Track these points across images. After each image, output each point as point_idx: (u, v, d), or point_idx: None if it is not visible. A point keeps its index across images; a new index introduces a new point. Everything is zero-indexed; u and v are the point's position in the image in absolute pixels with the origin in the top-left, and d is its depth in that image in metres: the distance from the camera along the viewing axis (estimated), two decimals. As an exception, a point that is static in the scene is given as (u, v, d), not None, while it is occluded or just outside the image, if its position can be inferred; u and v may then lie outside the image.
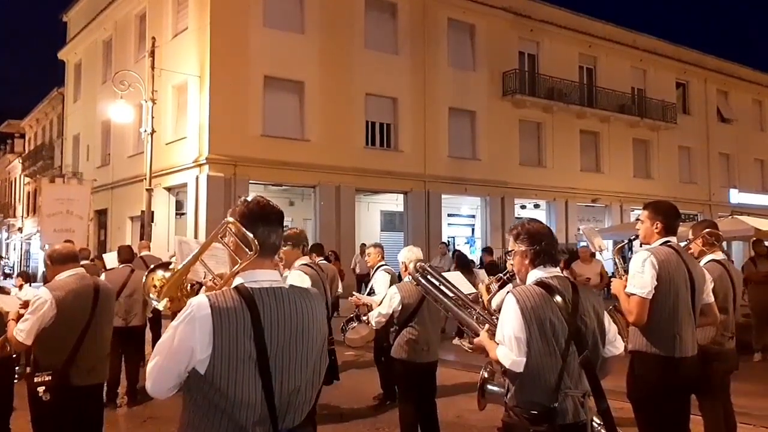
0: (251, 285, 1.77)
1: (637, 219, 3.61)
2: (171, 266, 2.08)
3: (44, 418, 3.37)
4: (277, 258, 5.82)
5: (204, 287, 1.97)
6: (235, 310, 1.69)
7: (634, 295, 3.21)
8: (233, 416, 1.68)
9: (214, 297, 1.71)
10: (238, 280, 1.80)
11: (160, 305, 1.98)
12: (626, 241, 4.07)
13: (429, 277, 3.15)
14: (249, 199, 1.89)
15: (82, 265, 3.74)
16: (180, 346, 1.67)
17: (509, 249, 2.59)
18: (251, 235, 1.78)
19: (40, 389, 3.29)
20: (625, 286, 3.29)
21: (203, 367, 1.66)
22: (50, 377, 3.30)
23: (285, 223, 1.99)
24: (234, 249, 1.83)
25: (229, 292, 1.74)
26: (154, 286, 1.99)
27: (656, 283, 3.19)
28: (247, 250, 1.78)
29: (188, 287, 2.01)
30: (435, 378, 4.72)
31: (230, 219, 1.82)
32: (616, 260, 3.77)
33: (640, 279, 3.20)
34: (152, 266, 2.12)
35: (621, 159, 23.96)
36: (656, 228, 3.36)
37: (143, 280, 2.08)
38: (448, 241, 20.24)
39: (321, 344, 1.87)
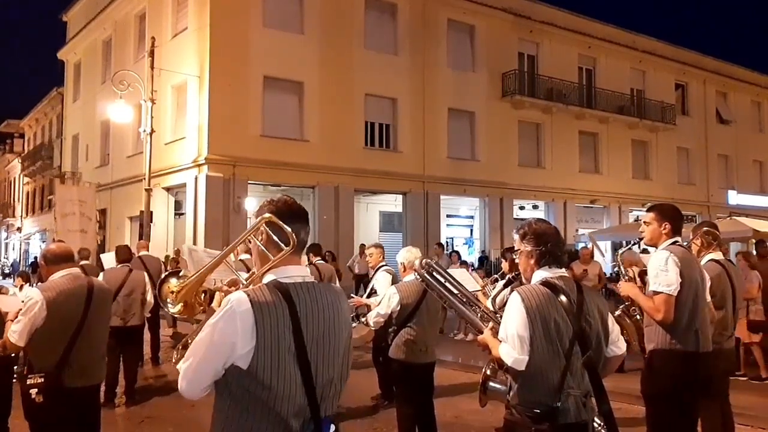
0: (285, 280, 1.80)
1: (637, 220, 3.66)
2: (181, 273, 2.12)
3: (38, 420, 3.32)
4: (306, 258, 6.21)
5: (218, 292, 2.01)
6: (274, 304, 1.72)
7: (661, 293, 3.26)
8: (274, 408, 1.70)
9: (252, 292, 1.74)
10: (269, 277, 1.82)
11: (174, 309, 2.02)
12: (631, 244, 4.13)
13: (435, 273, 3.15)
14: (274, 198, 1.92)
15: (82, 265, 3.73)
16: (220, 342, 1.68)
17: (515, 248, 2.59)
18: (289, 230, 1.80)
19: (33, 391, 3.25)
20: (640, 288, 3.36)
21: (246, 362, 1.67)
22: (42, 379, 3.25)
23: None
24: (265, 246, 1.85)
25: (265, 287, 1.77)
26: (172, 292, 2.03)
27: (681, 279, 3.26)
28: (283, 245, 1.80)
29: (202, 294, 2.05)
30: (433, 378, 4.71)
31: (267, 215, 1.84)
32: (620, 263, 3.82)
33: (665, 277, 3.26)
34: (164, 275, 2.18)
35: (620, 160, 23.97)
36: (664, 229, 3.45)
37: (156, 287, 2.13)
38: (447, 242, 20.24)
39: (348, 337, 1.90)
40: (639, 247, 3.96)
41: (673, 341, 3.30)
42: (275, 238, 1.82)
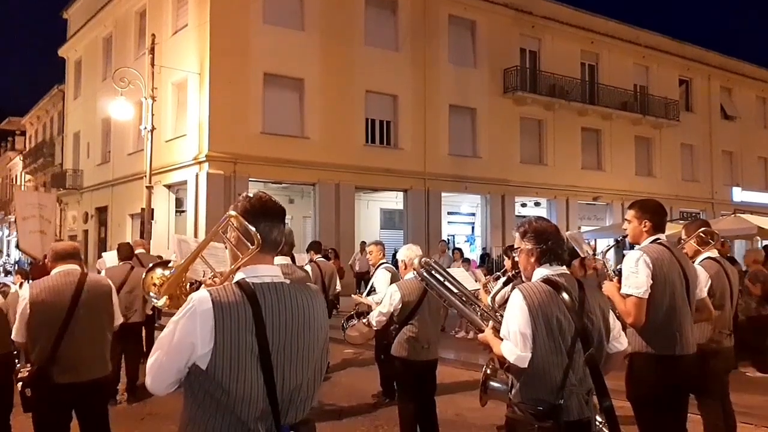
0: (252, 280, 1.76)
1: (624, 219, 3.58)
2: (170, 264, 2.08)
3: (32, 412, 3.38)
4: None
5: (203, 285, 1.95)
6: (237, 305, 1.68)
7: (631, 295, 3.16)
8: (235, 411, 1.67)
9: (216, 292, 1.70)
10: (239, 275, 1.79)
11: (160, 303, 1.98)
12: (614, 243, 4.03)
13: (434, 272, 3.13)
14: (251, 194, 1.88)
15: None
16: (181, 341, 1.66)
17: (515, 246, 2.56)
18: (253, 229, 1.76)
19: (19, 385, 3.34)
20: (619, 288, 3.25)
21: (204, 363, 1.65)
22: (28, 373, 3.32)
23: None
24: (235, 244, 1.81)
25: (231, 287, 1.73)
26: (154, 284, 1.99)
27: (651, 281, 3.14)
28: (249, 244, 1.76)
29: (188, 286, 2.00)
30: (435, 376, 4.69)
31: (232, 213, 1.81)
32: (605, 262, 3.75)
33: (635, 279, 3.16)
34: (151, 264, 2.12)
35: (623, 157, 23.87)
36: (645, 227, 3.33)
37: (143, 278, 2.07)
38: (448, 239, 20.21)
39: (323, 341, 1.85)
40: (625, 245, 3.87)
41: (649, 344, 3.19)
42: (243, 237, 1.79)
